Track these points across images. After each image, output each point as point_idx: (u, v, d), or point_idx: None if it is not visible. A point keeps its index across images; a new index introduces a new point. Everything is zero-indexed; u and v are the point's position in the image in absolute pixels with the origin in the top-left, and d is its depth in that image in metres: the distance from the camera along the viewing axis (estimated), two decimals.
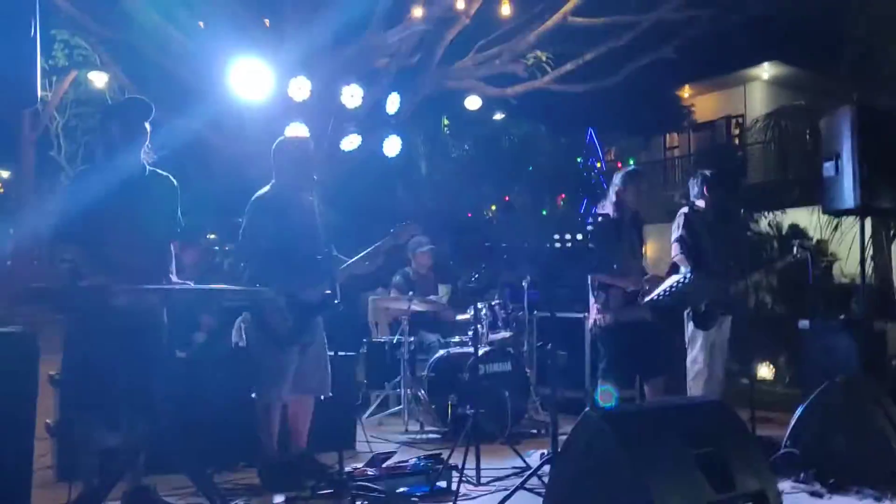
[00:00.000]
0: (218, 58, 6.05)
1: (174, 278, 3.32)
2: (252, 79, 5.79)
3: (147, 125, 3.26)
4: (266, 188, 3.91)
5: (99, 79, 8.71)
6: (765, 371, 7.68)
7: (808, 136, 9.82)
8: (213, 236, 7.15)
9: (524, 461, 3.91)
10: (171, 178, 3.41)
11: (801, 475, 3.60)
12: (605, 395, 4.20)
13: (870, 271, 7.71)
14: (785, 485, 3.46)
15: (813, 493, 3.47)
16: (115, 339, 2.96)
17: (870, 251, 7.56)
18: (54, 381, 3.75)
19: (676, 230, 4.56)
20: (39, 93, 2.63)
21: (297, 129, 5.75)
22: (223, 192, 7.95)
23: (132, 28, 6.57)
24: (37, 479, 3.49)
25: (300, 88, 5.95)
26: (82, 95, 9.55)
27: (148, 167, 3.34)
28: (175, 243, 3.42)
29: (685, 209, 4.61)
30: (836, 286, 9.56)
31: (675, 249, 4.55)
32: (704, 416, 2.93)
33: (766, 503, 2.72)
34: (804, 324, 5.40)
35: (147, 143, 3.27)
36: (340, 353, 3.67)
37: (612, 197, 4.41)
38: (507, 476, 3.76)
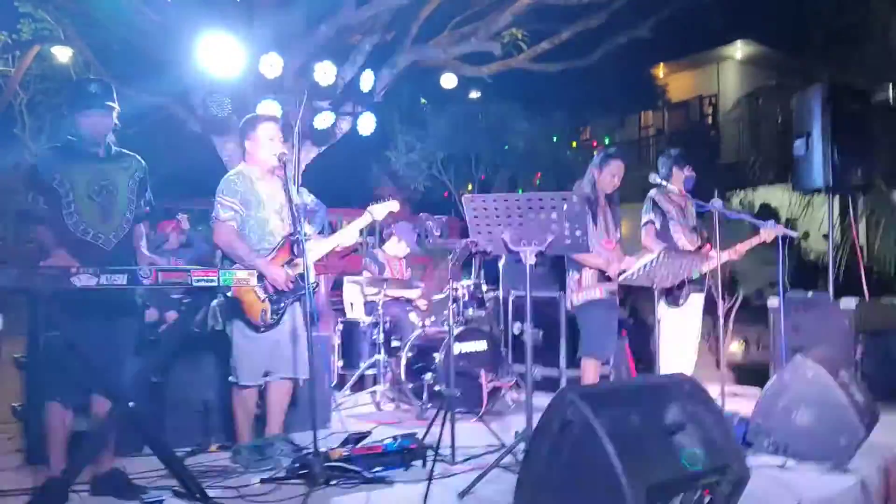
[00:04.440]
0: (186, 33, 5.90)
1: (145, 252, 3.26)
2: (222, 55, 5.66)
3: (114, 106, 3.18)
4: (238, 167, 3.85)
5: (63, 53, 8.46)
6: (734, 347, 7.81)
7: (779, 115, 9.93)
8: (184, 216, 7.02)
9: (499, 439, 3.94)
10: (138, 157, 3.34)
11: (769, 449, 3.68)
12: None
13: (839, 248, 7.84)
14: (753, 459, 3.53)
15: (780, 467, 3.54)
16: (81, 321, 2.91)
17: (838, 229, 7.69)
18: (20, 364, 3.67)
19: (645, 214, 4.59)
20: (1, 68, 2.55)
21: (270, 107, 5.65)
22: (194, 171, 7.82)
23: (96, 0, 6.37)
24: (4, 463, 3.45)
25: (272, 65, 5.83)
26: (47, 70, 9.27)
27: (114, 147, 3.26)
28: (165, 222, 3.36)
29: (653, 191, 4.64)
30: (805, 263, 9.73)
31: (643, 234, 4.59)
32: (675, 392, 2.96)
33: (734, 476, 2.77)
34: (773, 301, 5.49)
35: (113, 123, 3.20)
36: (315, 334, 3.64)
37: (588, 177, 4.42)
38: (483, 454, 3.78)
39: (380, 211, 4.12)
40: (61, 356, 2.94)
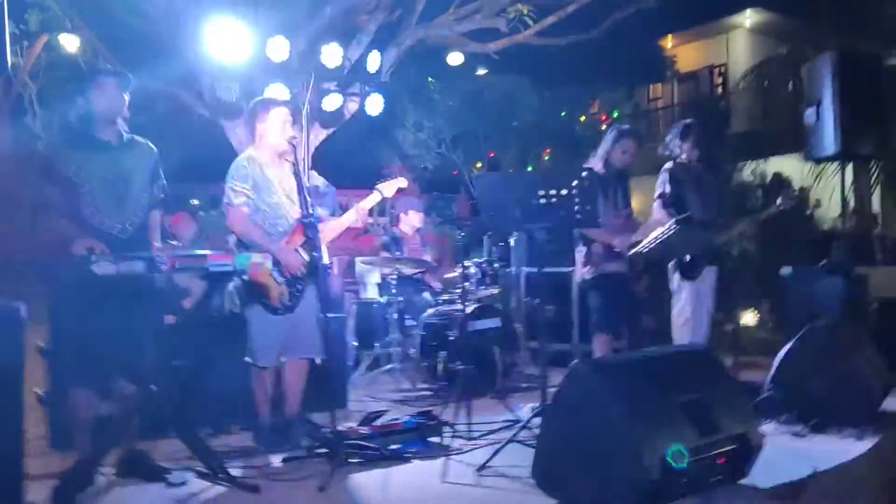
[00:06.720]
0: (193, 18, 5.88)
1: (157, 245, 3.30)
2: (228, 39, 5.65)
3: (125, 95, 3.21)
4: (247, 151, 3.86)
5: (71, 43, 8.45)
6: (748, 318, 7.79)
7: (790, 84, 9.82)
8: (196, 202, 7.07)
9: (515, 414, 3.98)
10: (149, 143, 3.37)
11: (784, 417, 3.70)
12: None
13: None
14: (768, 427, 3.55)
15: (795, 434, 3.57)
16: (102, 308, 2.95)
17: (851, 197, 7.63)
18: (43, 352, 3.73)
19: (659, 187, 4.57)
20: (10, 59, 2.57)
21: (278, 90, 5.65)
22: (204, 157, 7.85)
23: None
24: (30, 449, 3.52)
25: (278, 49, 5.81)
26: (56, 60, 9.27)
27: (125, 134, 3.29)
28: (178, 215, 3.38)
29: (669, 164, 4.61)
30: (817, 232, 9.66)
31: (656, 207, 4.57)
32: (689, 363, 2.99)
33: (748, 445, 2.80)
34: (786, 270, 5.47)
35: (124, 112, 3.23)
36: (330, 315, 3.68)
37: (600, 152, 4.41)
38: (499, 430, 3.83)
39: (388, 188, 4.15)
40: (83, 343, 3.00)
